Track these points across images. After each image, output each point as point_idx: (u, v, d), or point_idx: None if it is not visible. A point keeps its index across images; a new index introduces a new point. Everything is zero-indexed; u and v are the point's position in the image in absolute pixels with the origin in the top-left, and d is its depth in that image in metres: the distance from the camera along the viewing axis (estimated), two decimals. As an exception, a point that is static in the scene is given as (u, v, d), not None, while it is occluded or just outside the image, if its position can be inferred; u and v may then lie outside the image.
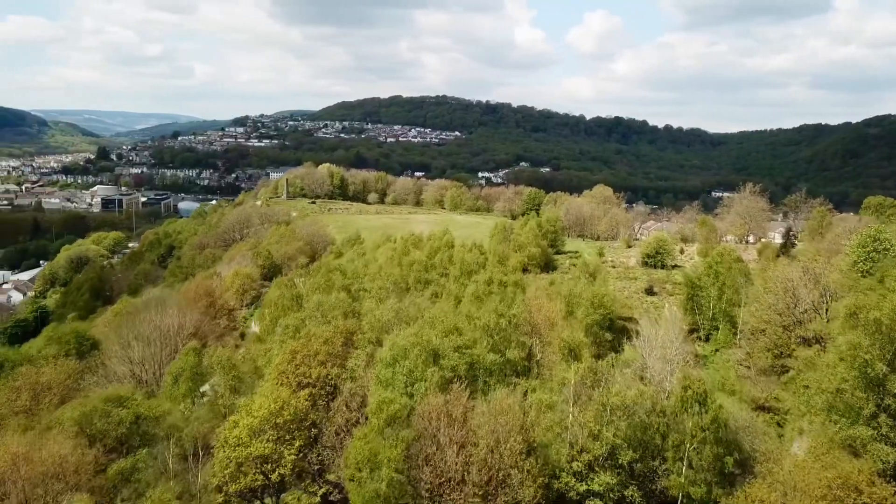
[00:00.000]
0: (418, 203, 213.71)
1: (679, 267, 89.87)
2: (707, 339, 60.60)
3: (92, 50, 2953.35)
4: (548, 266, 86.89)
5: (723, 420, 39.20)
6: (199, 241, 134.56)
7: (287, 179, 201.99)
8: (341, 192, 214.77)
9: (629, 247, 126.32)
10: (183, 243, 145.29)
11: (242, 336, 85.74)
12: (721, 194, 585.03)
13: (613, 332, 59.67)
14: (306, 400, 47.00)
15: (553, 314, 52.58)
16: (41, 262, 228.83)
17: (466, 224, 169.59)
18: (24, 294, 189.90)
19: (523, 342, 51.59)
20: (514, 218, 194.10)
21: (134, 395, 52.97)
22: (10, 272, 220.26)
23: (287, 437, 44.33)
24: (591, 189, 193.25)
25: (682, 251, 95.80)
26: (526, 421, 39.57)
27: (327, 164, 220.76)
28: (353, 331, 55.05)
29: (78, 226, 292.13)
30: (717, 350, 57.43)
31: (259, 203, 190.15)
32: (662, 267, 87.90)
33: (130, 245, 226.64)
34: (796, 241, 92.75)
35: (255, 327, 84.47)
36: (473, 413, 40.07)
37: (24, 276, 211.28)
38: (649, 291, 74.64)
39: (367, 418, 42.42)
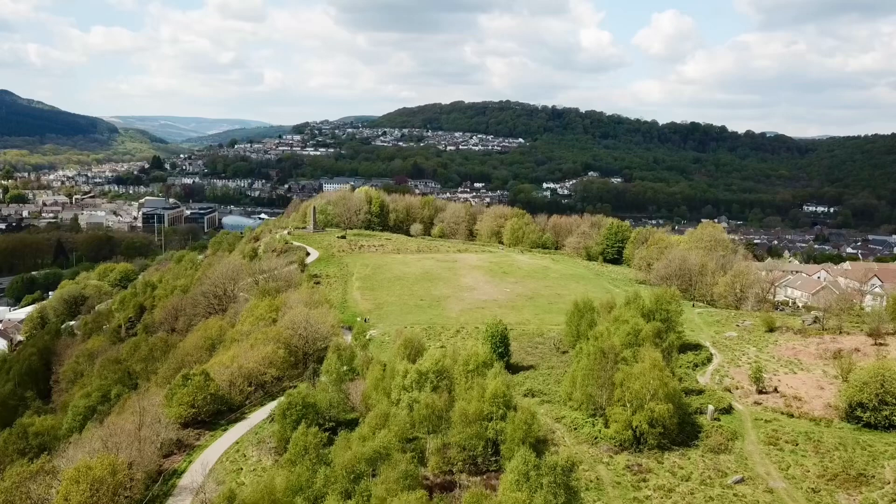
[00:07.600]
0: (471, 234, 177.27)
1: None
2: None
3: (169, 58, 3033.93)
4: (682, 428, 48.02)
5: None
6: (174, 304, 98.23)
7: (315, 207, 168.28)
8: (381, 220, 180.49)
9: (771, 330, 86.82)
10: (157, 303, 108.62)
11: None
12: (814, 208, 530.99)
13: None
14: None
15: None
16: (49, 293, 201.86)
17: (530, 270, 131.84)
18: (10, 340, 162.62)
19: None
20: (590, 258, 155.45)
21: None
22: (8, 308, 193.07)
23: None
24: (667, 197, 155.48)
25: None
26: None
27: (365, 188, 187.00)
28: None
29: (103, 248, 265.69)
30: None
31: (277, 237, 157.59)
32: (890, 426, 48.36)
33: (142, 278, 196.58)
34: None
35: None
36: None
37: (21, 313, 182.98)
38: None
39: None
